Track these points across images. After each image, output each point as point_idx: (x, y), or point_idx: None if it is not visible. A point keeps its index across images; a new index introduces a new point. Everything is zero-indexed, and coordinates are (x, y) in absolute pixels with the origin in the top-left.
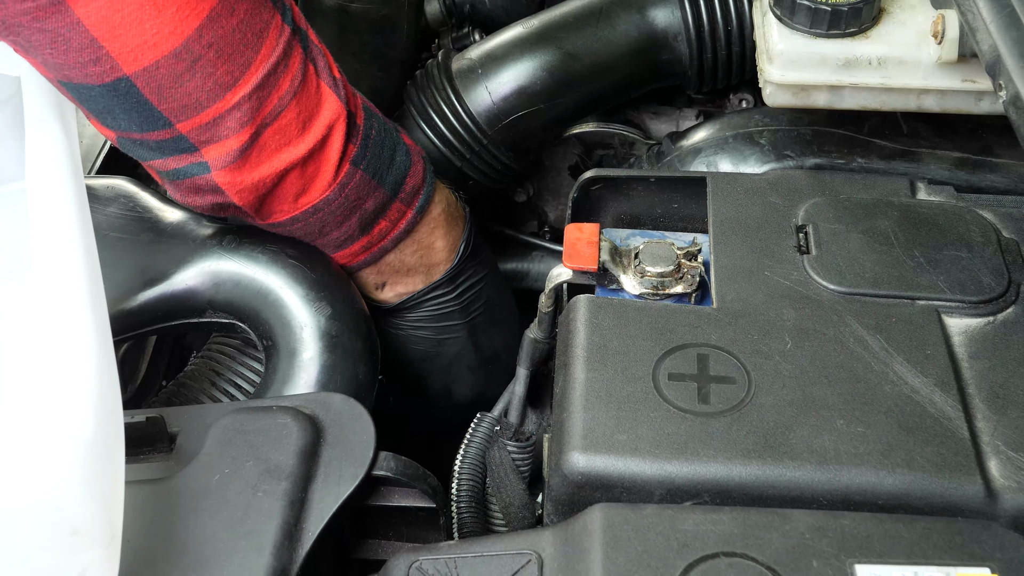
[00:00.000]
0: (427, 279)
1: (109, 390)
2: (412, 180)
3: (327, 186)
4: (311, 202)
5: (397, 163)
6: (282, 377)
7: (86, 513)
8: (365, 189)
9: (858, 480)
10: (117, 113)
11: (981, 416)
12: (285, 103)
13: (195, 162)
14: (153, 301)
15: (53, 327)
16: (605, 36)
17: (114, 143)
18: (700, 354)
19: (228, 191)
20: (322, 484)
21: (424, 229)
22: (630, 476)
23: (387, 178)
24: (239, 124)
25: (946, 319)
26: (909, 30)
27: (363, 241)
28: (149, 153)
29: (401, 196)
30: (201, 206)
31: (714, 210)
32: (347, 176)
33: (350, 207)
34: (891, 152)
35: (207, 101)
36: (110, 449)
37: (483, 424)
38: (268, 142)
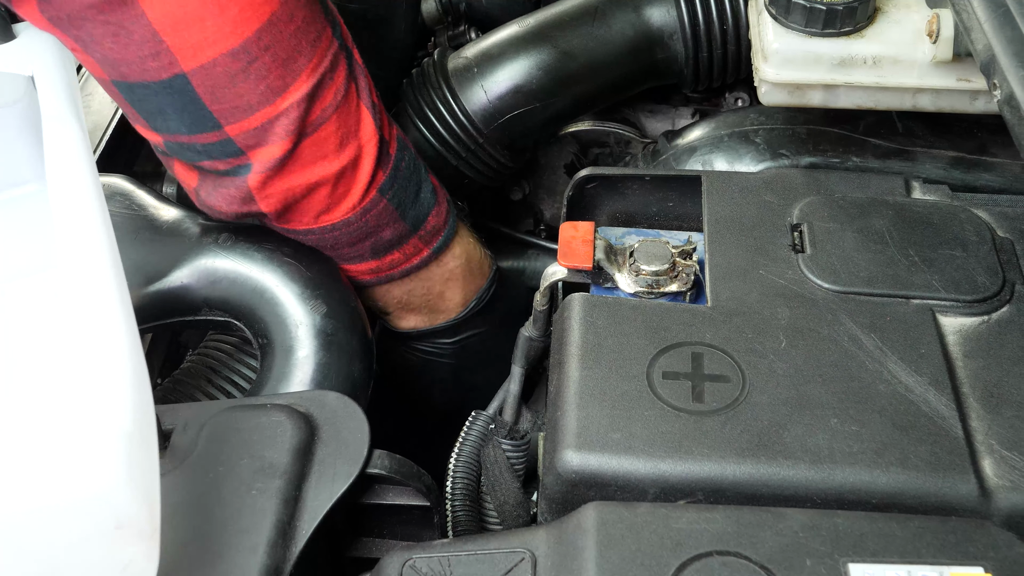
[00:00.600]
0: (430, 322)
1: (142, 382)
2: (434, 220)
3: (351, 208)
4: (331, 221)
5: (422, 200)
6: (277, 375)
7: (130, 506)
8: (386, 219)
9: (852, 479)
10: (169, 113)
11: (975, 415)
12: (327, 116)
13: (242, 164)
14: (149, 299)
15: (85, 321)
16: (601, 35)
17: (159, 147)
18: (694, 353)
19: (259, 198)
20: (316, 482)
21: (437, 275)
22: (624, 474)
23: (409, 212)
24: (285, 132)
25: (941, 318)
26: (904, 29)
27: (372, 264)
28: (197, 155)
29: (420, 234)
30: (227, 212)
31: (709, 209)
32: (372, 203)
33: (367, 232)
34: (886, 151)
35: (258, 104)
36: (147, 441)
37: (478, 422)
38: (306, 153)
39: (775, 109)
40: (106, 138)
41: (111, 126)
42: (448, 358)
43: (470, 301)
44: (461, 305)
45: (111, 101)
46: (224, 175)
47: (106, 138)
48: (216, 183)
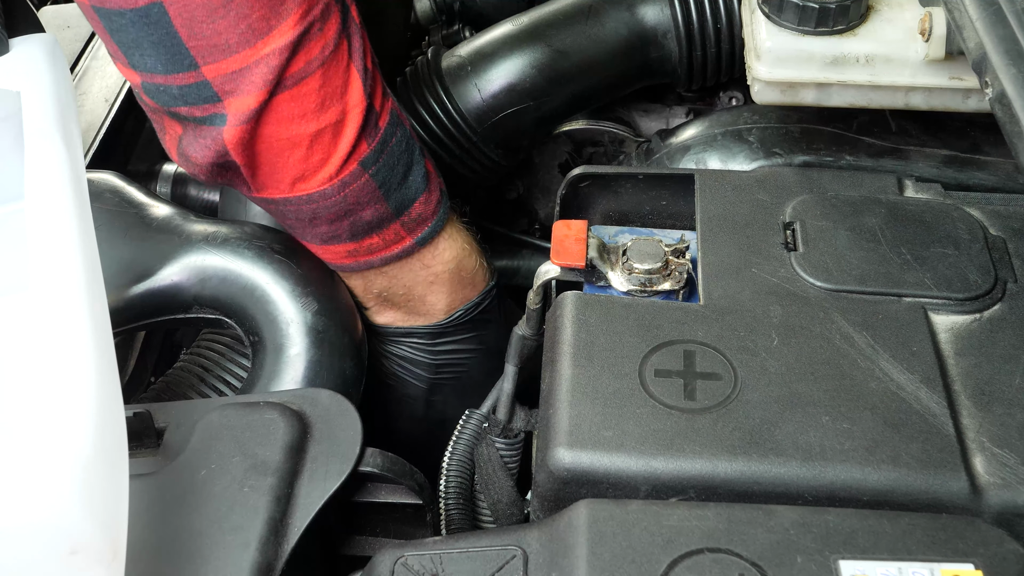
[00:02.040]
0: (409, 321)
1: (111, 407)
2: (421, 207)
3: (328, 179)
4: (307, 191)
5: (410, 183)
6: (269, 373)
7: (86, 531)
8: (367, 197)
9: (843, 476)
10: (145, 47)
11: (966, 413)
12: (312, 70)
13: (218, 113)
14: (139, 297)
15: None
16: (595, 34)
17: (139, 91)
18: (687, 350)
19: (233, 150)
20: (308, 480)
21: (421, 275)
22: (616, 472)
23: (394, 194)
24: (263, 80)
25: (932, 316)
26: (897, 28)
27: (350, 247)
28: (173, 100)
29: (404, 219)
30: (203, 165)
31: (702, 207)
32: (352, 176)
33: (346, 209)
34: (879, 150)
35: (237, 45)
36: (112, 466)
37: (471, 421)
38: (282, 107)
39: (768, 108)
40: (100, 137)
41: (105, 125)
42: (423, 370)
43: (456, 310)
44: (445, 312)
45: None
46: (201, 123)
47: (100, 137)
48: (195, 133)
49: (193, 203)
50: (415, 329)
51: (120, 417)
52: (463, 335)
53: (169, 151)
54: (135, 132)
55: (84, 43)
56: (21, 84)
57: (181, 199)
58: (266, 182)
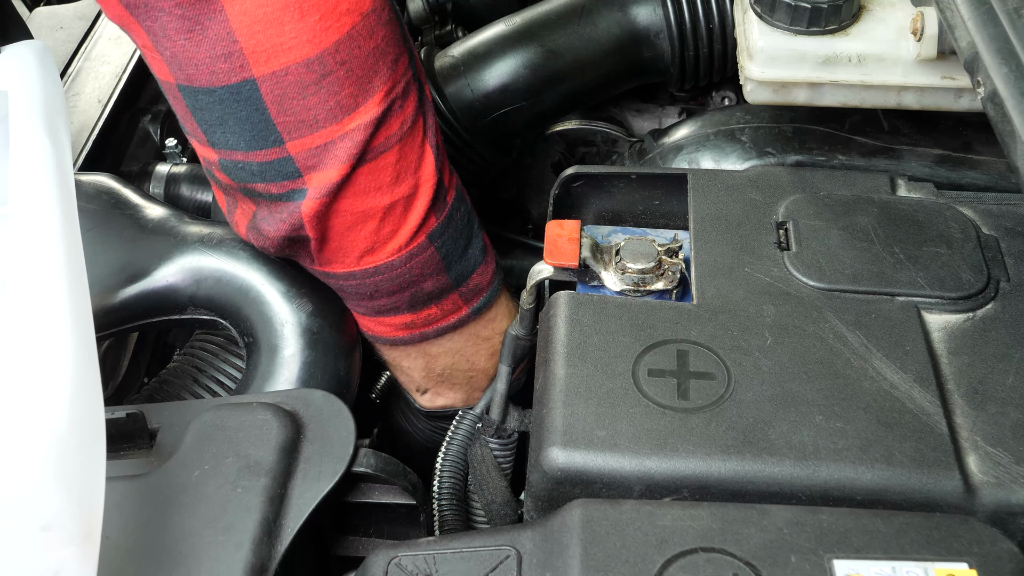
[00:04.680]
0: (468, 399)
1: (87, 386)
2: (478, 279)
3: (397, 250)
4: (375, 263)
5: (470, 255)
6: (263, 374)
7: (58, 508)
8: (431, 269)
9: (837, 475)
10: (229, 124)
11: (960, 412)
12: (390, 145)
13: (296, 189)
14: (134, 298)
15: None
16: (587, 33)
17: (211, 167)
18: (680, 350)
19: (308, 224)
20: (302, 480)
21: (483, 348)
22: (609, 472)
23: (455, 266)
24: (347, 155)
25: (926, 315)
26: (889, 27)
27: (407, 318)
28: (251, 177)
29: (462, 290)
30: (273, 239)
31: (695, 207)
32: (419, 248)
33: (410, 281)
34: (872, 149)
35: (324, 121)
36: (88, 445)
37: (465, 421)
38: (361, 180)
39: (761, 107)
40: (92, 138)
41: (98, 126)
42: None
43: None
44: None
45: (98, 100)
46: (277, 200)
47: (92, 138)
48: (270, 209)
49: (186, 204)
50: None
51: (98, 403)
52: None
53: (237, 226)
54: (128, 133)
55: (77, 44)
56: (8, 87)
57: (174, 200)
58: (334, 256)
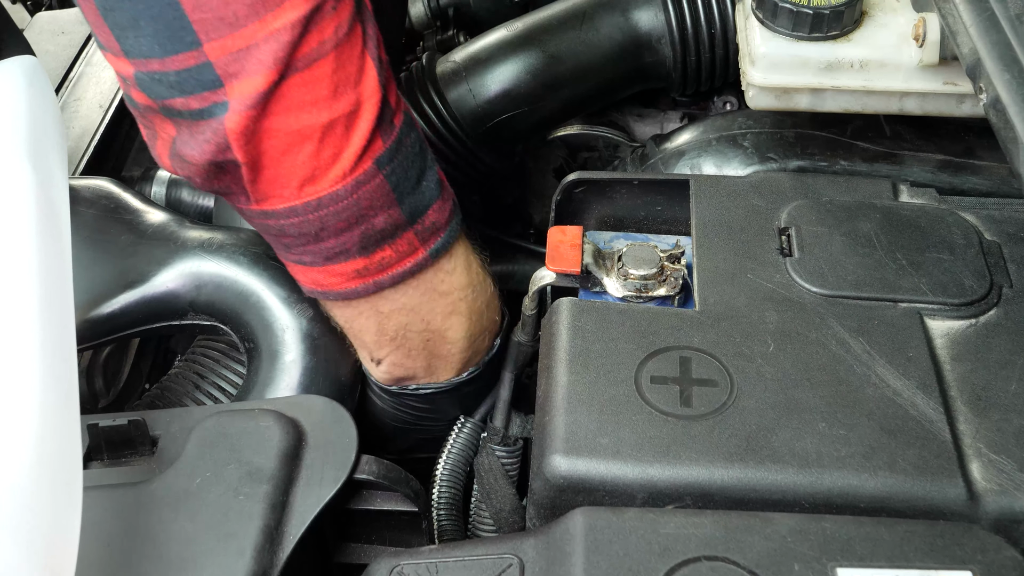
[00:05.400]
0: (428, 371)
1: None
2: (435, 215)
3: (341, 177)
4: (318, 194)
5: (424, 188)
6: (264, 379)
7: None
8: (381, 200)
9: (840, 483)
10: (142, 25)
11: (963, 418)
12: (325, 51)
13: (218, 102)
14: (134, 303)
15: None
16: (589, 39)
17: (128, 87)
18: (682, 357)
19: (235, 142)
20: (304, 487)
21: (439, 303)
22: (612, 479)
23: (408, 199)
24: (272, 58)
25: (928, 321)
26: (891, 33)
27: (359, 263)
28: (168, 91)
29: (417, 228)
30: (199, 163)
31: (697, 213)
32: (366, 175)
33: (358, 215)
34: (874, 154)
35: (245, 19)
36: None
37: (465, 429)
38: (293, 92)
39: (763, 113)
40: (94, 142)
41: (99, 130)
42: (448, 413)
43: (476, 358)
44: (464, 349)
45: (100, 105)
46: (199, 117)
47: (94, 142)
48: (191, 130)
49: (188, 208)
50: (436, 388)
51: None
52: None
53: (159, 157)
54: (129, 137)
55: (78, 49)
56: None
57: (175, 204)
58: (270, 187)
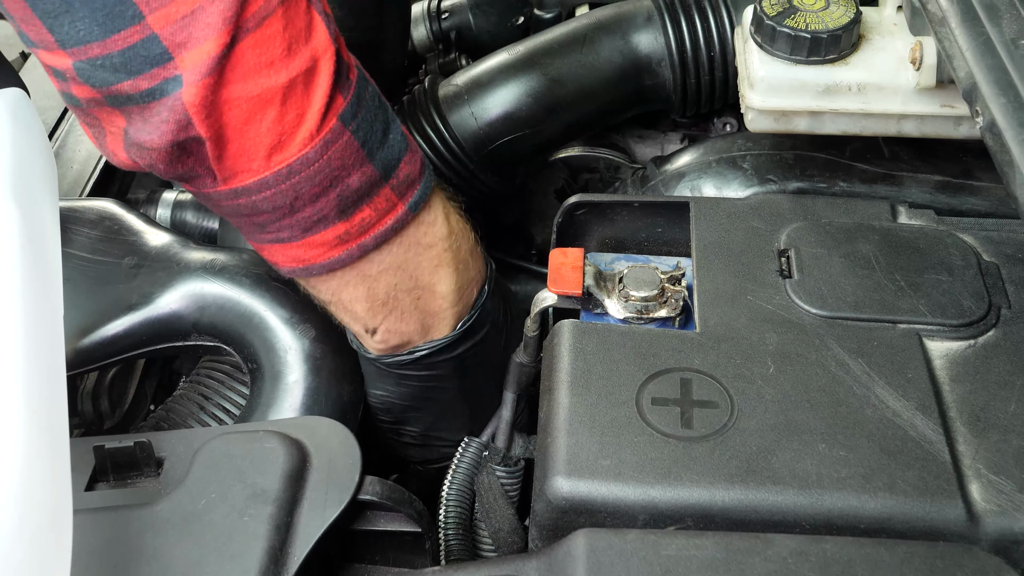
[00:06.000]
0: (423, 332)
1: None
2: (408, 167)
3: (309, 139)
4: (287, 160)
5: (392, 141)
6: (267, 400)
7: None
8: (352, 157)
9: (840, 504)
10: (76, 7)
11: (962, 439)
12: (271, 7)
13: (169, 77)
14: (138, 325)
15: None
16: (589, 62)
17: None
18: (683, 378)
19: (196, 116)
20: (308, 508)
21: (424, 257)
22: (614, 501)
23: (378, 153)
24: (221, 20)
25: (927, 343)
26: (888, 56)
27: (340, 229)
28: (114, 75)
29: (393, 183)
30: (159, 147)
31: (697, 235)
32: (333, 133)
33: (331, 176)
34: (873, 176)
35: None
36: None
37: (470, 449)
38: (247, 55)
39: (762, 135)
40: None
41: None
42: (450, 380)
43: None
44: (456, 301)
45: None
46: (151, 98)
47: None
48: (144, 114)
49: (192, 230)
50: (433, 346)
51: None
52: (480, 329)
53: (112, 155)
54: None
55: None
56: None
57: (180, 226)
58: (237, 161)
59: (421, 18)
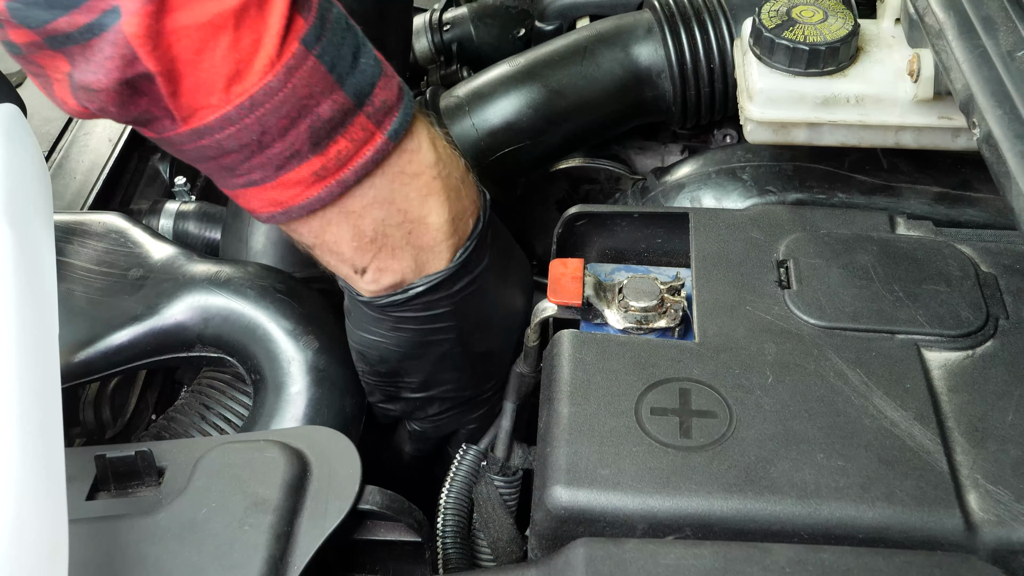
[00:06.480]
0: (417, 268)
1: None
2: (384, 93)
3: (269, 66)
4: (249, 91)
5: (363, 65)
6: (270, 411)
7: None
8: (320, 84)
9: (838, 514)
10: None
11: (960, 449)
12: None
13: (107, 8)
14: (143, 336)
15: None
16: (590, 73)
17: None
18: (682, 388)
19: (141, 49)
20: (308, 518)
21: (411, 186)
22: (613, 510)
23: (349, 78)
24: None
25: (925, 353)
26: (886, 68)
27: (315, 164)
28: (49, 12)
29: (368, 110)
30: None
31: (696, 245)
32: (296, 59)
33: (299, 106)
34: (871, 187)
35: None
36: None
37: (468, 457)
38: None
39: (762, 146)
40: (103, 176)
41: (109, 163)
42: (448, 319)
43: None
44: (450, 233)
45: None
46: (91, 34)
47: (103, 176)
48: (86, 53)
49: (195, 241)
50: (430, 281)
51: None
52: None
53: (62, 103)
54: (138, 171)
55: None
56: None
57: (183, 236)
58: (194, 97)
59: (423, 30)
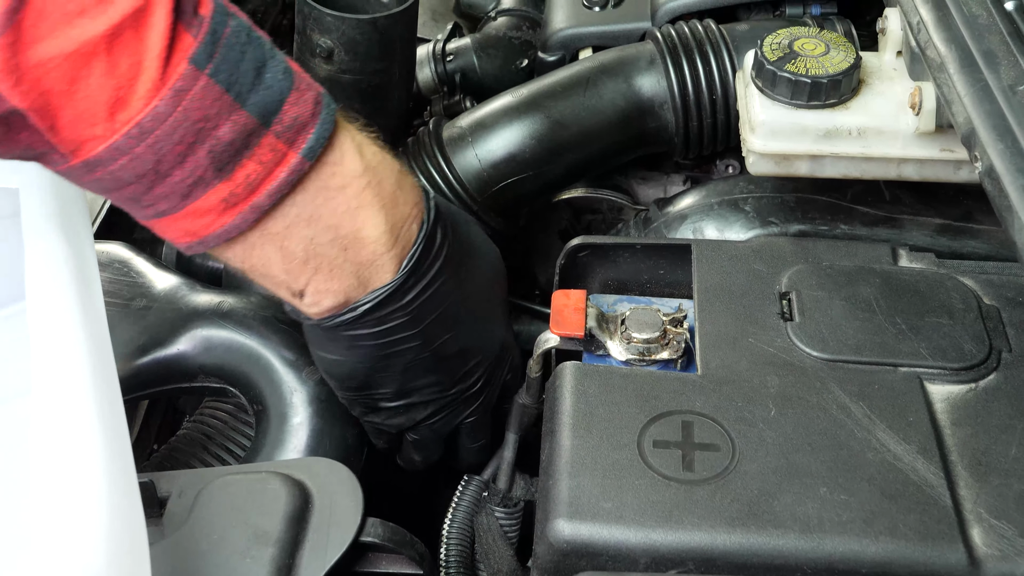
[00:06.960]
0: (361, 285)
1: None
2: (296, 109)
3: (154, 90)
4: (134, 118)
5: (269, 81)
6: (272, 442)
7: None
8: (215, 105)
9: (841, 548)
10: None
11: (964, 483)
12: None
13: None
14: (145, 366)
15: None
16: (592, 104)
17: None
18: (685, 421)
19: (1, 85)
20: (310, 550)
21: (339, 202)
22: (615, 544)
23: (251, 96)
24: None
25: (928, 386)
26: (888, 101)
27: (222, 190)
28: None
29: (277, 128)
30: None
31: (699, 277)
32: (184, 80)
33: (194, 130)
34: (874, 219)
35: None
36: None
37: (470, 487)
38: (48, 6)
39: (764, 178)
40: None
41: None
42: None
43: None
44: (391, 242)
45: None
46: None
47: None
48: None
49: (198, 271)
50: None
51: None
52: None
53: None
54: None
55: None
56: (20, 181)
57: (186, 266)
58: (75, 130)
59: (426, 60)
